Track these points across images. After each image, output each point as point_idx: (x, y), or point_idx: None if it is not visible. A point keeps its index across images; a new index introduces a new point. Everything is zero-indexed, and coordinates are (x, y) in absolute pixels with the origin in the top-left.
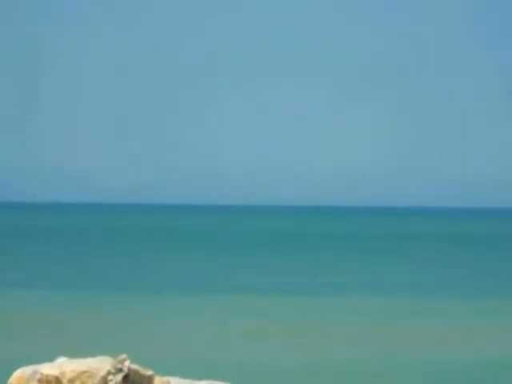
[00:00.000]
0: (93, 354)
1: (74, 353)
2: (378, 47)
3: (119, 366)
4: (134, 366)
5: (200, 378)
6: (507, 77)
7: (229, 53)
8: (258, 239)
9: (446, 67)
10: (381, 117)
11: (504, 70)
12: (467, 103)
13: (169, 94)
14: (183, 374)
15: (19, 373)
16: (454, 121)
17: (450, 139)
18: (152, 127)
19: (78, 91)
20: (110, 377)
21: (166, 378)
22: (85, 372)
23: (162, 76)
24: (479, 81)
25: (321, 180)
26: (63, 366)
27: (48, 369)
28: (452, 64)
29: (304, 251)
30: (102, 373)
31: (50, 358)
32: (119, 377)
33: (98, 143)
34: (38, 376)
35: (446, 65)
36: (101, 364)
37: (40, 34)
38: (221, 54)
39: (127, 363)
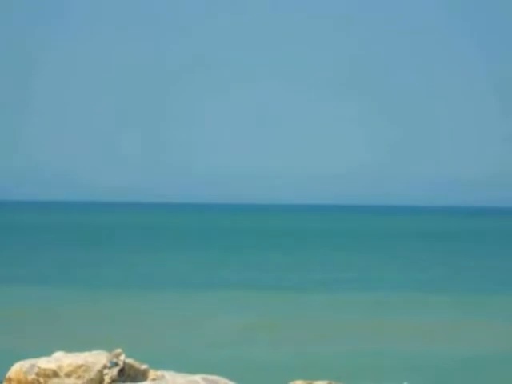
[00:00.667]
0: (89, 349)
1: (71, 347)
2: (372, 48)
3: (115, 360)
4: (129, 360)
5: (194, 373)
6: (501, 76)
7: (227, 53)
8: (257, 238)
9: (441, 67)
10: (376, 117)
11: (495, 68)
12: (464, 103)
13: (167, 94)
14: (178, 369)
15: (17, 366)
16: (448, 120)
17: (444, 139)
18: (150, 127)
19: (77, 91)
20: (106, 370)
21: (160, 372)
22: (81, 366)
23: (159, 76)
24: (478, 81)
25: (320, 180)
26: (60, 359)
27: (45, 363)
28: (449, 64)
29: (298, 248)
30: (98, 366)
31: (48, 353)
32: (115, 370)
33: (96, 143)
34: (36, 370)
35: (441, 65)
36: (97, 358)
37: (39, 34)
38: (219, 54)
39: (122, 357)
